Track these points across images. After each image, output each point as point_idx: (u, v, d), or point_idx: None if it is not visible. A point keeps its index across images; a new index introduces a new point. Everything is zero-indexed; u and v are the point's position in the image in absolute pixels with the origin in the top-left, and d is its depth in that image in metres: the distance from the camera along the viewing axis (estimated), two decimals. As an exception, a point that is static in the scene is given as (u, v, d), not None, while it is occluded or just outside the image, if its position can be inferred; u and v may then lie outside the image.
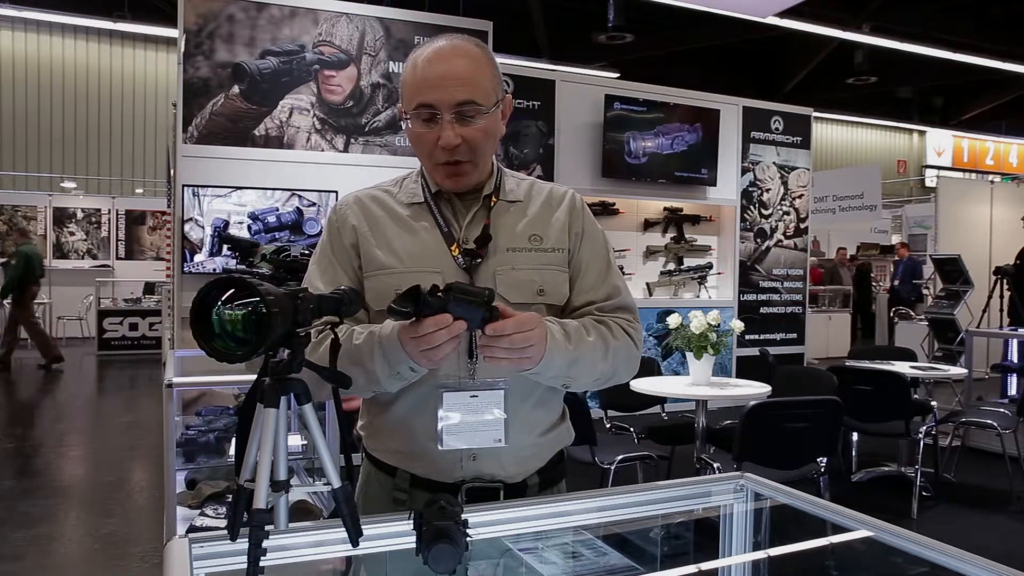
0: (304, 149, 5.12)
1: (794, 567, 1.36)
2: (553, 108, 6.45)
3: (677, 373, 6.15)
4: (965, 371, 5.32)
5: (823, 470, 3.44)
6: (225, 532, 0.98)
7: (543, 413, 1.31)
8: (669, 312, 4.52)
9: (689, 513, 1.35)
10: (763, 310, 7.48)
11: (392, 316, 1.04)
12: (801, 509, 1.25)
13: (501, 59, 1.43)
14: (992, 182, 11.07)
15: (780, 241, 7.60)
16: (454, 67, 1.21)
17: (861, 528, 1.17)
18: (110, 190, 13.88)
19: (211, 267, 4.73)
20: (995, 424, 4.61)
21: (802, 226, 7.76)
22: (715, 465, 3.50)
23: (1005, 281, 7.49)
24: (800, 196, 7.72)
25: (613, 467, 3.55)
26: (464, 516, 1.03)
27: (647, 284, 7.13)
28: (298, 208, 4.93)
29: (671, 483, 1.33)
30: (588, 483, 3.19)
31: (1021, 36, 12.50)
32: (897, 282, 11.73)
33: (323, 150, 5.17)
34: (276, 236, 4.81)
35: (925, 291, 10.93)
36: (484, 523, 1.15)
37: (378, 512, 1.17)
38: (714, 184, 7.08)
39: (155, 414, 6.34)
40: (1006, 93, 16.93)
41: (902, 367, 4.83)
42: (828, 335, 11.25)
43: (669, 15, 11.14)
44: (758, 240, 7.46)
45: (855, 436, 4.97)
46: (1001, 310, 7.56)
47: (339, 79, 5.20)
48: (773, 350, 6.01)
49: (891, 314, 10.78)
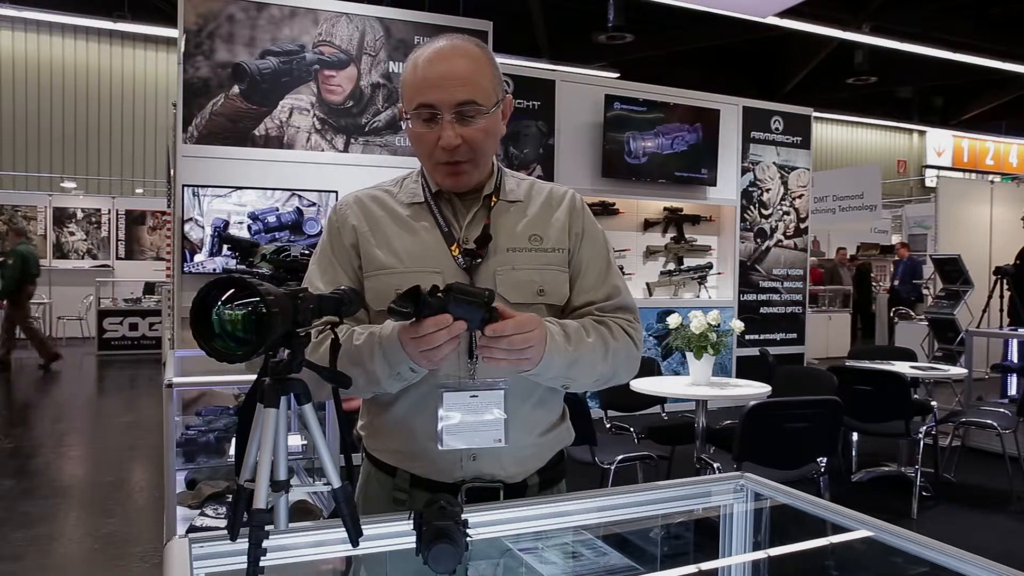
0: (304, 149, 5.12)
1: (794, 567, 1.36)
2: (553, 108, 6.45)
3: (677, 373, 6.15)
4: (965, 371, 5.32)
5: (823, 470, 3.44)
6: (225, 532, 0.98)
7: (543, 413, 1.31)
8: (669, 312, 4.52)
9: (689, 513, 1.35)
10: (763, 310, 7.48)
11: (392, 316, 1.04)
12: (801, 509, 1.25)
13: (501, 59, 1.43)
14: (992, 182, 11.07)
15: (780, 241, 7.60)
16: (454, 67, 1.21)
17: (861, 528, 1.17)
18: (110, 190, 13.88)
19: (211, 267, 4.73)
20: (995, 424, 4.61)
21: (802, 226, 7.76)
22: (715, 465, 3.50)
23: (1005, 281, 7.49)
24: (800, 196, 7.72)
25: (613, 467, 3.55)
26: (464, 516, 1.03)
27: (647, 284, 7.12)
28: (298, 208, 4.93)
29: (671, 483, 1.33)
30: (588, 483, 3.19)
31: (1021, 36, 12.50)
32: (897, 282, 11.73)
33: (323, 150, 5.17)
34: (276, 236, 4.81)
35: (925, 291, 10.93)
36: (484, 523, 1.15)
37: (378, 512, 1.17)
38: (714, 184, 7.08)
39: (155, 414, 6.34)
40: (1006, 93, 16.93)
41: (902, 367, 4.83)
42: (828, 335, 11.25)
43: (669, 15, 11.14)
44: (758, 240, 7.46)
45: (855, 436, 4.97)
46: (1001, 310, 7.56)
47: (339, 79, 5.20)
48: (773, 350, 6.01)
49: (891, 314, 10.78)
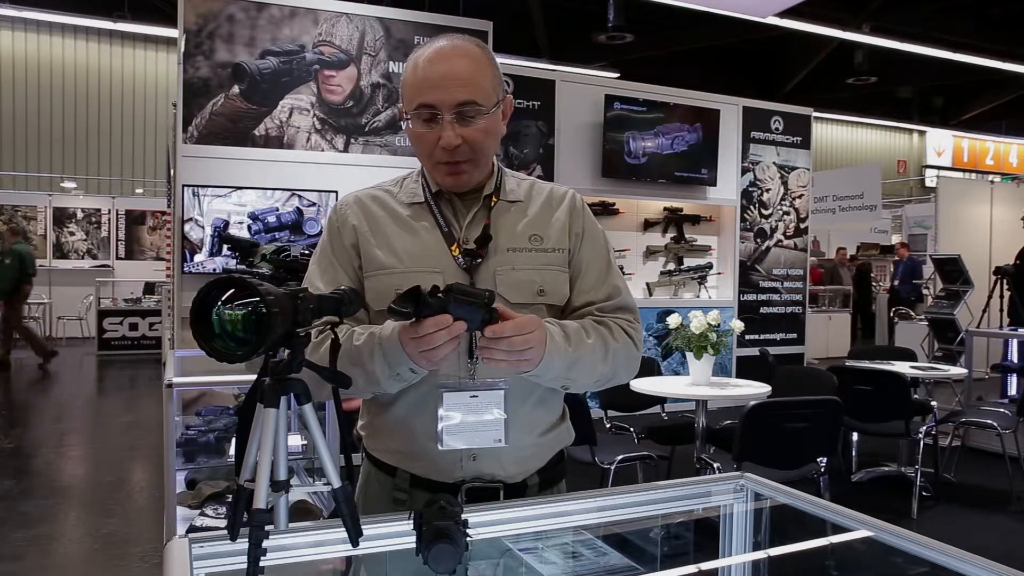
0: (304, 149, 5.12)
1: (794, 567, 1.36)
2: (553, 108, 6.45)
3: (677, 373, 6.15)
4: (965, 371, 5.32)
5: (823, 470, 3.44)
6: (225, 532, 0.98)
7: (543, 413, 1.31)
8: (669, 312, 4.52)
9: (689, 513, 1.35)
10: (763, 310, 7.48)
11: (392, 316, 1.04)
12: (801, 509, 1.25)
13: (501, 59, 1.43)
14: (992, 182, 11.07)
15: (780, 241, 7.60)
16: (455, 67, 1.21)
17: (861, 528, 1.17)
18: (110, 190, 13.88)
19: (211, 267, 4.73)
20: (995, 424, 4.61)
21: (802, 226, 7.76)
22: (715, 465, 3.50)
23: (1005, 281, 7.49)
24: (800, 196, 7.72)
25: (613, 467, 3.55)
26: (464, 516, 1.03)
27: (647, 284, 7.12)
28: (298, 208, 4.93)
29: (671, 483, 1.33)
30: (588, 483, 3.19)
31: (1021, 36, 12.50)
32: (897, 282, 11.72)
33: (323, 150, 5.17)
34: (276, 236, 4.81)
35: (925, 291, 10.93)
36: (484, 523, 1.15)
37: (378, 512, 1.17)
38: (714, 184, 7.08)
39: (155, 414, 6.34)
40: (1006, 93, 16.93)
41: (902, 367, 4.83)
42: (828, 335, 11.25)
43: (669, 15, 11.14)
44: (758, 240, 7.46)
45: (855, 436, 4.97)
46: (1001, 310, 7.56)
47: (339, 79, 5.20)
48: (773, 350, 6.01)
49: (891, 314, 10.77)
